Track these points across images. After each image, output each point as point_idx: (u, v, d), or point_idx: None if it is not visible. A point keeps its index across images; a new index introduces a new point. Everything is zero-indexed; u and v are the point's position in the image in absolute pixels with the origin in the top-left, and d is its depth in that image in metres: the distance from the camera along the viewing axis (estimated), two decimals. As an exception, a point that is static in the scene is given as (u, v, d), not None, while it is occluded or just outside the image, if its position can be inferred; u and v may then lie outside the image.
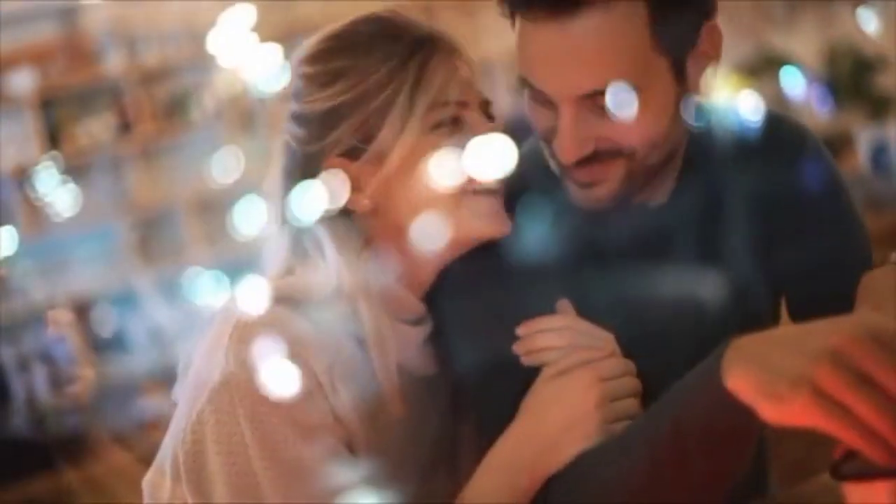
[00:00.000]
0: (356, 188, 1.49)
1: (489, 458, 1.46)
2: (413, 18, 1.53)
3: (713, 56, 1.47)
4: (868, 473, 1.11)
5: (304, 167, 1.51)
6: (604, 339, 1.48)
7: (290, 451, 1.39)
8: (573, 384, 1.45)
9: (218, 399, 1.39)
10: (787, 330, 1.16)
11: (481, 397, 1.54)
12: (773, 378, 1.10)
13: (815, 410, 1.07)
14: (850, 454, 1.12)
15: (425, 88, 1.47)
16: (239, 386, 1.38)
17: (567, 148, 1.45)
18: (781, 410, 1.09)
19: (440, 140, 1.48)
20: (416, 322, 1.54)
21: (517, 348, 1.49)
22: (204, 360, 1.43)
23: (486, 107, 1.54)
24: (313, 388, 1.41)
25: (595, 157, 1.46)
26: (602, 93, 1.41)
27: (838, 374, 1.06)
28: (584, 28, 1.40)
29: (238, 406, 1.39)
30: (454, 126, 1.49)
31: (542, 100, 1.46)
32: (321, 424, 1.42)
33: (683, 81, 1.45)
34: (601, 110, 1.43)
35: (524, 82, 1.48)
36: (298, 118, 1.51)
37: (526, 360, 1.49)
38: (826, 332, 1.09)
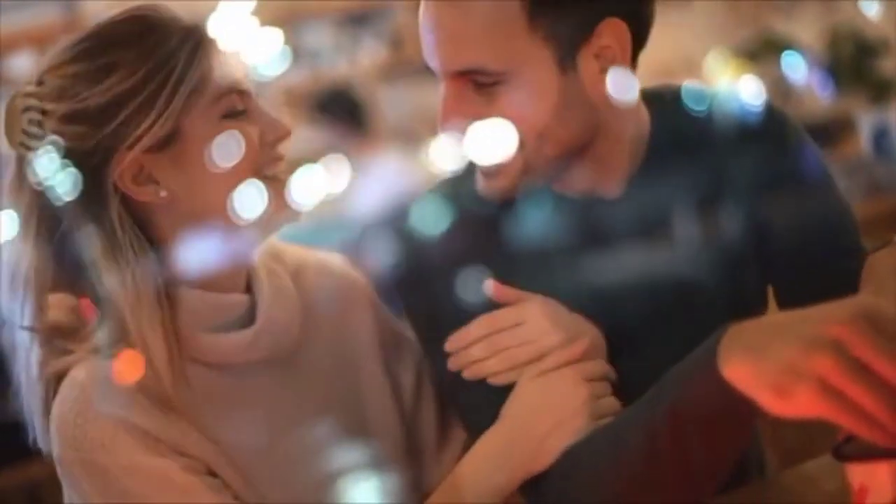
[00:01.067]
0: (151, 180, 1.46)
1: (471, 458, 1.47)
2: (174, 13, 1.51)
3: (615, 55, 1.45)
4: (870, 454, 1.12)
5: (85, 168, 1.45)
6: (536, 325, 1.48)
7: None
8: (559, 383, 1.44)
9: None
10: (783, 317, 1.15)
11: (459, 410, 1.56)
12: (773, 369, 1.09)
13: (820, 402, 1.06)
14: (852, 435, 1.13)
15: (211, 75, 1.46)
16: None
17: (444, 121, 1.47)
18: (784, 402, 1.09)
19: (232, 125, 1.47)
20: (238, 325, 1.52)
21: (451, 366, 1.51)
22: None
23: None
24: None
25: None
26: (477, 72, 1.43)
27: (840, 364, 1.05)
28: (457, 5, 1.42)
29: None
30: (241, 114, 1.48)
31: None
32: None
33: (573, 74, 1.45)
34: (480, 89, 1.44)
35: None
36: (71, 117, 1.45)
37: (467, 376, 1.50)
38: (824, 318, 1.08)
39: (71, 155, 1.44)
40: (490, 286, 1.51)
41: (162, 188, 1.46)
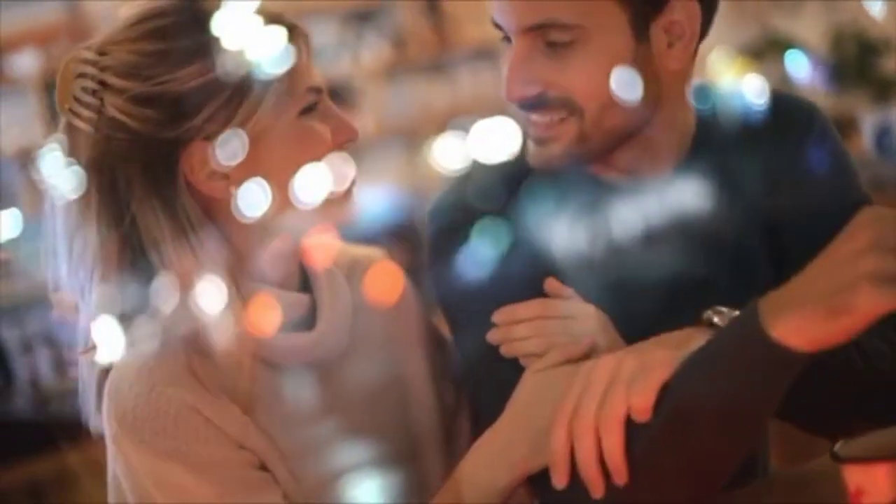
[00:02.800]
0: (222, 176, 1.42)
1: (472, 454, 1.44)
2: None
3: (686, 33, 1.45)
4: (867, 457, 1.12)
5: (154, 154, 1.40)
6: (584, 324, 1.47)
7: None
8: (562, 379, 1.43)
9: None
10: (812, 266, 1.18)
11: (478, 386, 1.54)
12: (828, 297, 1.13)
13: (879, 296, 1.11)
14: (849, 438, 1.14)
15: (295, 71, 1.43)
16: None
17: (510, 83, 1.45)
18: (845, 319, 1.13)
19: (310, 124, 1.45)
20: (301, 326, 1.51)
21: (491, 337, 1.48)
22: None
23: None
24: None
25: (544, 104, 1.44)
26: (552, 26, 1.40)
27: (886, 256, 1.11)
28: None
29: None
30: (316, 110, 1.46)
31: (507, 39, 1.46)
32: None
33: (646, 44, 1.43)
34: (551, 51, 1.42)
35: (494, 24, 1.46)
36: (144, 100, 1.39)
37: (504, 351, 1.48)
38: (850, 237, 1.15)
39: (136, 138, 1.39)
40: (550, 284, 1.49)
41: (233, 183, 1.42)
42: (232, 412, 1.40)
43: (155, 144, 1.39)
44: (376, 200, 5.21)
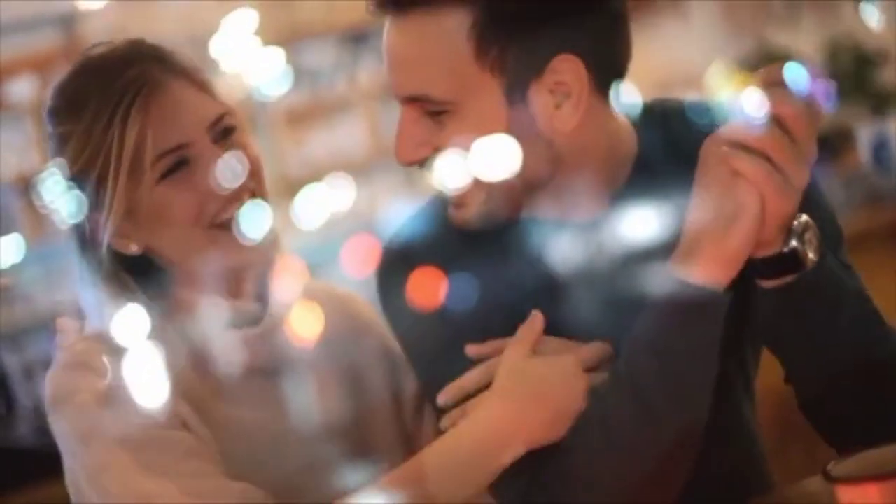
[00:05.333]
0: (123, 235, 1.53)
1: (454, 437, 1.46)
2: (126, 51, 1.55)
3: (571, 90, 1.45)
4: (858, 476, 1.13)
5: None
6: None
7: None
8: (559, 371, 1.44)
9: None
10: (691, 212, 1.38)
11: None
12: (719, 218, 1.34)
13: (751, 171, 1.33)
14: (842, 457, 1.15)
15: (128, 150, 1.48)
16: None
17: (399, 146, 1.49)
18: (745, 219, 1.33)
19: (172, 187, 1.50)
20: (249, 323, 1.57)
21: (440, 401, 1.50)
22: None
23: (219, 125, 1.54)
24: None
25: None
26: (424, 100, 1.45)
27: (736, 154, 1.34)
28: (407, 31, 1.45)
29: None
30: (183, 167, 1.51)
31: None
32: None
33: (523, 107, 1.45)
34: (432, 117, 1.46)
35: None
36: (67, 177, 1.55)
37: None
38: (702, 169, 1.38)
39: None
40: (471, 348, 1.51)
41: (132, 243, 1.53)
42: (176, 401, 1.48)
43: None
44: (376, 221, 5.20)
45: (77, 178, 1.51)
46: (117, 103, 1.48)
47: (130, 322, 1.49)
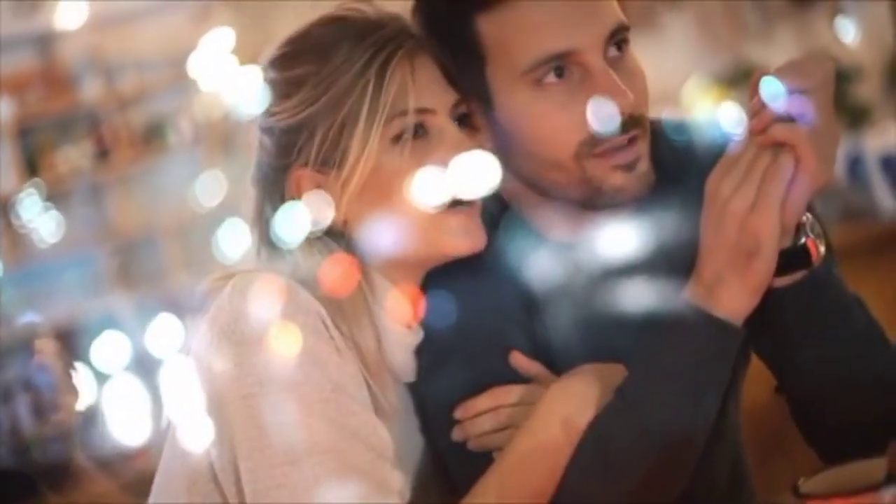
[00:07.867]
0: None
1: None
2: (379, 15, 1.47)
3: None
4: (827, 493, 1.14)
5: (275, 183, 1.47)
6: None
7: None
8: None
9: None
10: (703, 248, 1.35)
11: (464, 474, 1.49)
12: (735, 250, 1.31)
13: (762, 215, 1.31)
14: (811, 474, 1.16)
15: (383, 98, 1.41)
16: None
17: (620, 92, 1.43)
18: (763, 253, 1.31)
19: (402, 153, 1.42)
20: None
21: (456, 435, 1.48)
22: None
23: (458, 109, 1.48)
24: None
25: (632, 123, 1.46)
26: (627, 28, 1.47)
27: (740, 189, 1.32)
28: None
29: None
30: (418, 136, 1.44)
31: (564, 67, 1.44)
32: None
33: None
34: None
35: (541, 61, 1.44)
36: (266, 131, 1.47)
37: (472, 447, 1.47)
38: (709, 202, 1.35)
39: (263, 162, 1.48)
40: (515, 357, 1.50)
41: (335, 211, 1.45)
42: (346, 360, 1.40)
43: (273, 175, 1.47)
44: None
45: (297, 126, 1.43)
46: (376, 52, 1.42)
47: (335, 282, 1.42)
